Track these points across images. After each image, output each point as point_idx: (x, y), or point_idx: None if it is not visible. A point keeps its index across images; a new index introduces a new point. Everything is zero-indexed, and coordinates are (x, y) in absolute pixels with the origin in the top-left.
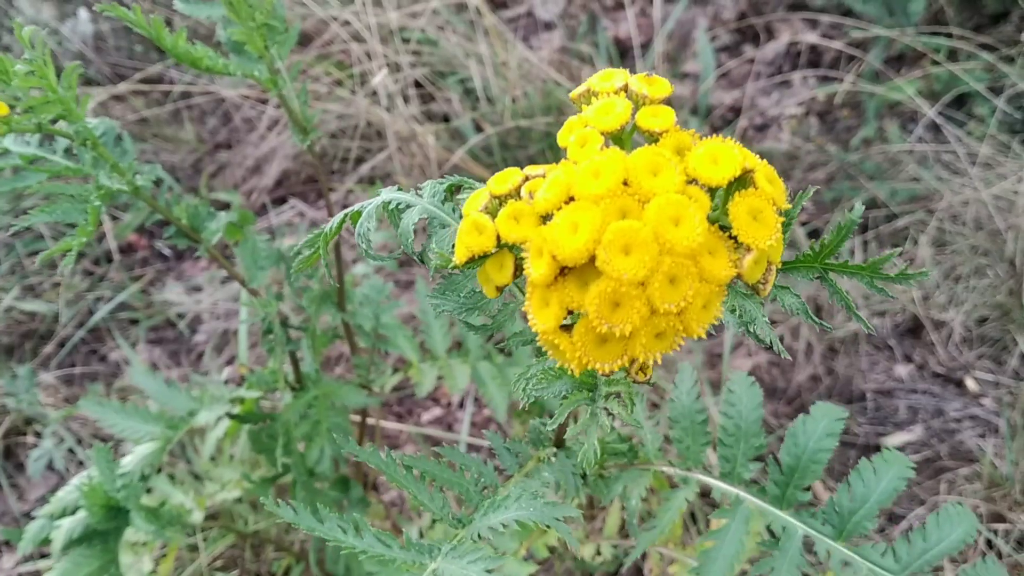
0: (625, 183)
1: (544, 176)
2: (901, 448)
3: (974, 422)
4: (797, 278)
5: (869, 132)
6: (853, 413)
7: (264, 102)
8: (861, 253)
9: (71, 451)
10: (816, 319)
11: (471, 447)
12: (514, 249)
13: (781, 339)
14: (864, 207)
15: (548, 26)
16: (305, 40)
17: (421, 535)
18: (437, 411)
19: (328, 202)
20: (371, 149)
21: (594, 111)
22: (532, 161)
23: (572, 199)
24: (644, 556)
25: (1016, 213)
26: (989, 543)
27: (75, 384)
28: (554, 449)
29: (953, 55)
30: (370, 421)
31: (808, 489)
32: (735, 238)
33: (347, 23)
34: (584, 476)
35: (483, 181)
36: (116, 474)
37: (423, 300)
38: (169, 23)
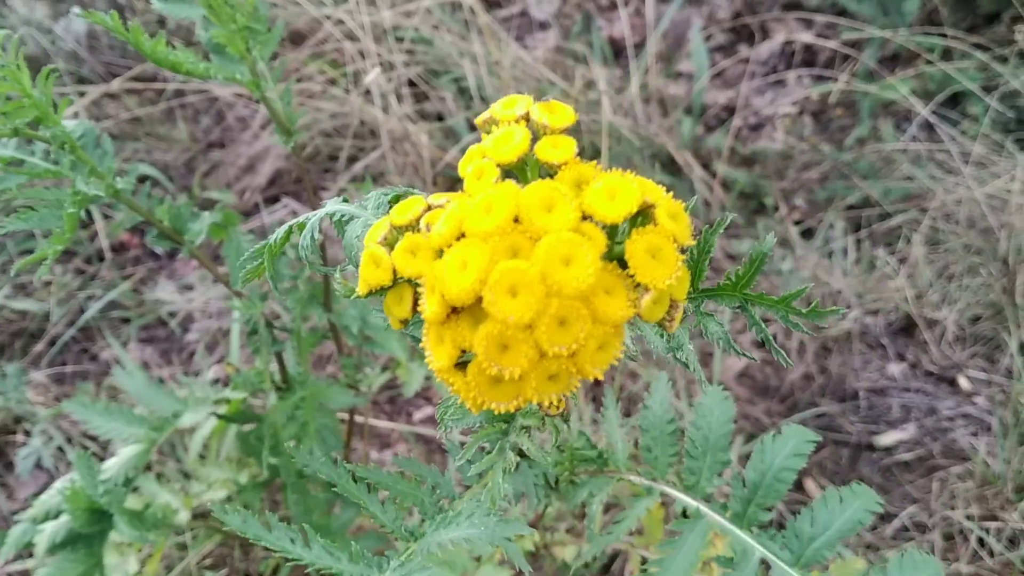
0: (517, 220)
1: (445, 206)
2: (894, 446)
3: (967, 421)
4: (721, 305)
5: (863, 131)
6: (846, 412)
7: (258, 101)
8: (854, 252)
9: (60, 450)
10: (737, 348)
11: (463, 446)
12: (413, 283)
13: (774, 337)
14: (775, 241)
15: (543, 25)
16: (298, 39)
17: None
18: (429, 410)
19: (312, 203)
20: (364, 148)
21: (492, 141)
22: None
23: (463, 235)
24: (625, 559)
25: (1009, 212)
26: (981, 541)
27: (66, 383)
28: (516, 459)
29: (947, 55)
30: (360, 420)
31: (770, 509)
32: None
33: (341, 22)
34: (556, 482)
35: (420, 193)
36: (97, 480)
37: None
38: (162, 22)
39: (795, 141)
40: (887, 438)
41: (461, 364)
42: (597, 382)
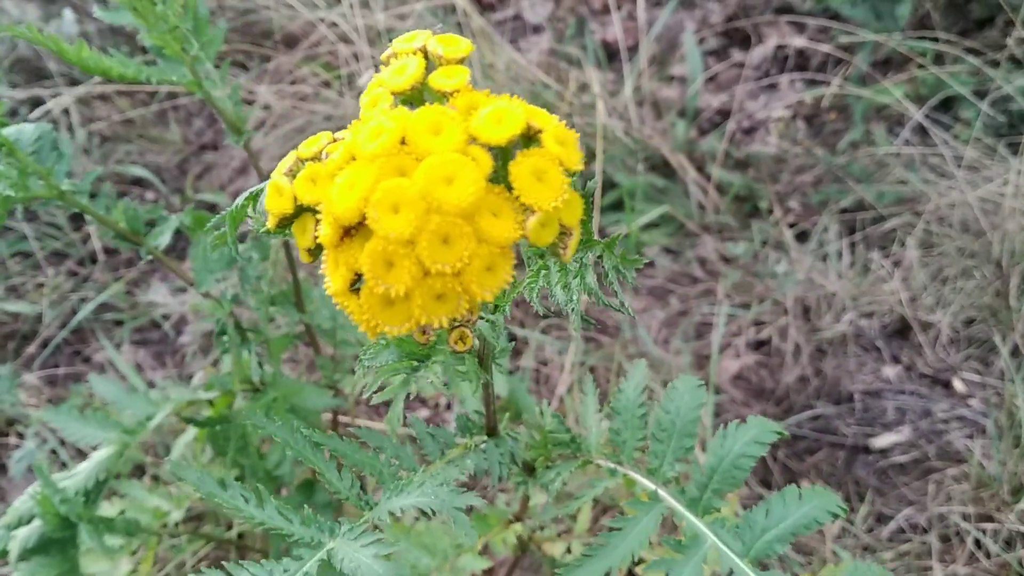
0: (403, 142)
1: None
2: (889, 449)
3: (962, 423)
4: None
5: (856, 135)
6: (842, 414)
7: (250, 103)
8: (849, 255)
9: (54, 452)
10: (604, 300)
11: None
12: (315, 211)
13: (768, 340)
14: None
15: (536, 29)
16: (292, 41)
17: (368, 504)
18: (424, 412)
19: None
20: None
21: (389, 72)
22: None
23: (355, 159)
24: None
25: (1002, 215)
26: (978, 543)
27: (58, 385)
28: (484, 437)
29: (939, 59)
30: (345, 420)
31: (724, 496)
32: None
33: (334, 24)
34: (514, 462)
35: None
36: (57, 490)
37: None
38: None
39: (789, 145)
40: (882, 440)
41: (356, 289)
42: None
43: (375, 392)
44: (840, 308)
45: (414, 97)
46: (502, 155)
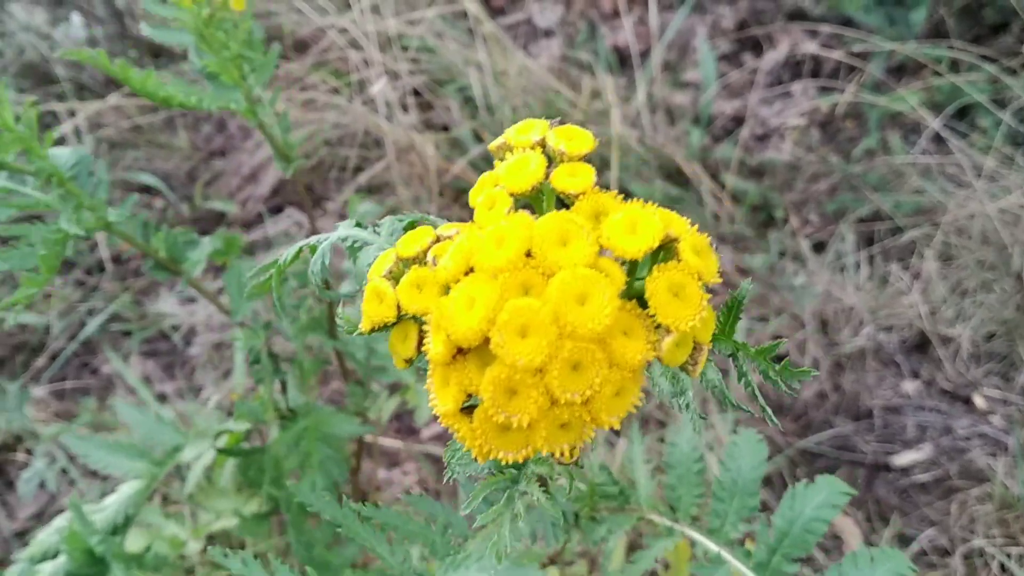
0: (529, 254)
1: (455, 238)
2: (910, 467)
3: (983, 440)
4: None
5: (871, 143)
6: (860, 431)
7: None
8: (867, 267)
9: (64, 471)
10: (732, 400)
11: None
12: (419, 320)
13: (786, 355)
14: (752, 288)
15: (547, 34)
16: (302, 47)
17: (424, 558)
18: (438, 428)
19: (313, 225)
20: (369, 158)
21: (505, 168)
22: None
23: (472, 270)
24: None
25: (1022, 227)
26: (1003, 567)
27: (66, 398)
28: (525, 506)
29: (955, 66)
30: (368, 439)
31: (796, 561)
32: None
33: (345, 30)
34: (577, 517)
35: (437, 220)
36: (92, 528)
37: None
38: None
39: (803, 152)
40: (903, 458)
41: (468, 408)
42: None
43: (472, 503)
44: (858, 322)
45: (533, 198)
46: (632, 267)
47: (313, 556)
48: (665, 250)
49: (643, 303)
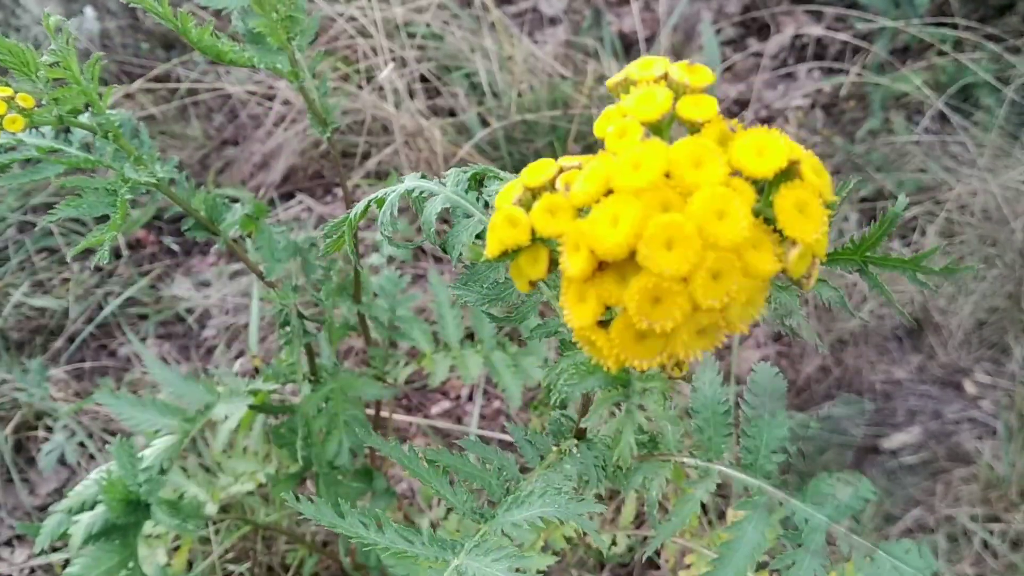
0: (667, 175)
1: (580, 168)
2: (899, 449)
3: (972, 424)
4: (835, 270)
5: (875, 124)
6: (852, 414)
7: (270, 99)
8: None
9: (82, 445)
10: (851, 309)
11: (481, 439)
12: (548, 243)
13: (798, 326)
14: (907, 201)
15: (553, 20)
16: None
17: (433, 526)
18: (446, 404)
19: (345, 190)
20: (377, 144)
21: (634, 100)
22: (539, 155)
23: (611, 192)
24: (661, 546)
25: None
26: (985, 543)
27: (85, 379)
28: (575, 441)
29: (959, 46)
30: (384, 414)
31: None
32: (780, 232)
33: (353, 18)
34: (604, 467)
35: (501, 172)
36: (137, 468)
37: (436, 291)
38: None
39: (807, 134)
40: (893, 441)
41: (603, 323)
42: None
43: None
44: (860, 299)
45: (661, 127)
46: (758, 187)
47: None
48: (786, 172)
49: (767, 221)
